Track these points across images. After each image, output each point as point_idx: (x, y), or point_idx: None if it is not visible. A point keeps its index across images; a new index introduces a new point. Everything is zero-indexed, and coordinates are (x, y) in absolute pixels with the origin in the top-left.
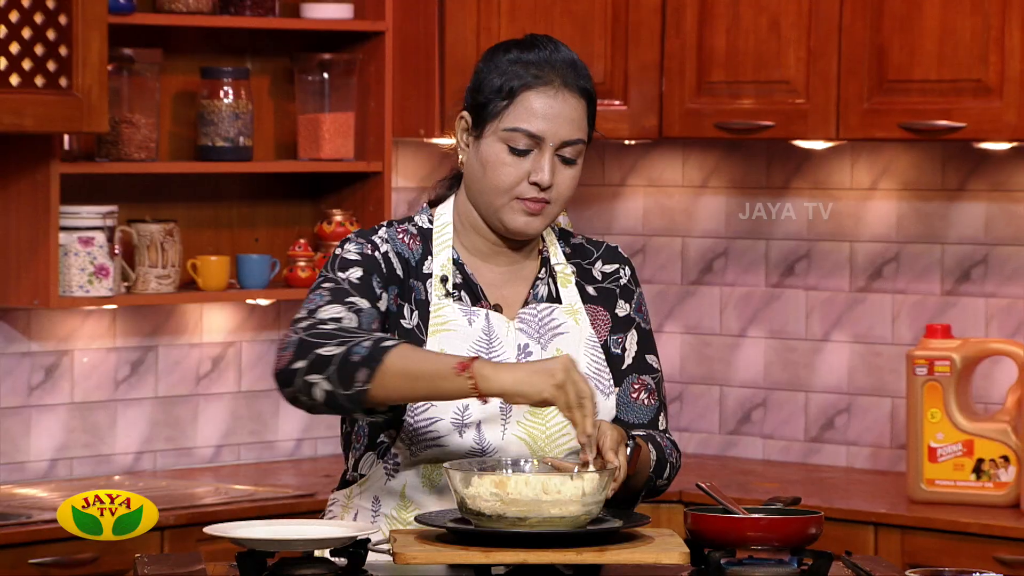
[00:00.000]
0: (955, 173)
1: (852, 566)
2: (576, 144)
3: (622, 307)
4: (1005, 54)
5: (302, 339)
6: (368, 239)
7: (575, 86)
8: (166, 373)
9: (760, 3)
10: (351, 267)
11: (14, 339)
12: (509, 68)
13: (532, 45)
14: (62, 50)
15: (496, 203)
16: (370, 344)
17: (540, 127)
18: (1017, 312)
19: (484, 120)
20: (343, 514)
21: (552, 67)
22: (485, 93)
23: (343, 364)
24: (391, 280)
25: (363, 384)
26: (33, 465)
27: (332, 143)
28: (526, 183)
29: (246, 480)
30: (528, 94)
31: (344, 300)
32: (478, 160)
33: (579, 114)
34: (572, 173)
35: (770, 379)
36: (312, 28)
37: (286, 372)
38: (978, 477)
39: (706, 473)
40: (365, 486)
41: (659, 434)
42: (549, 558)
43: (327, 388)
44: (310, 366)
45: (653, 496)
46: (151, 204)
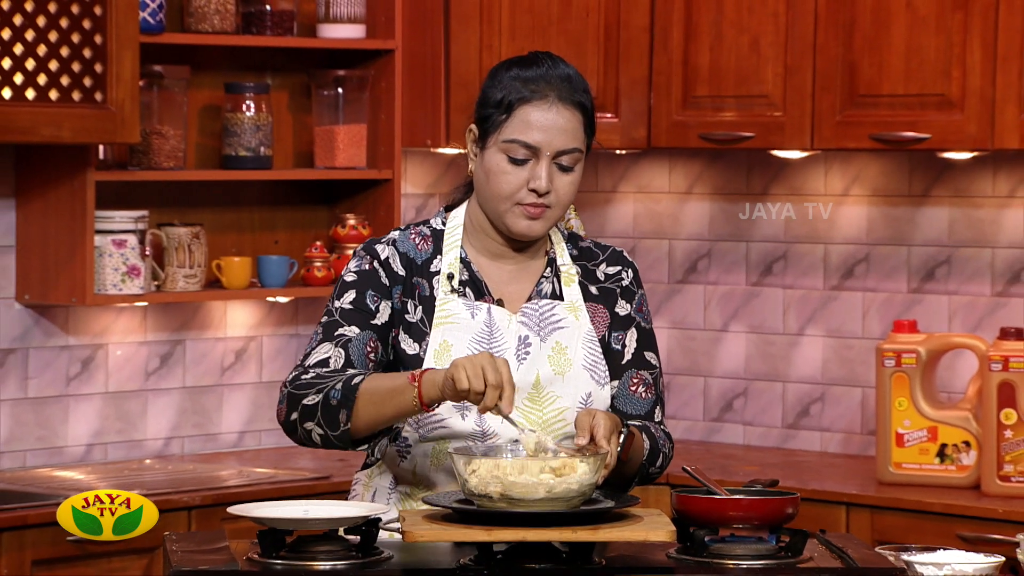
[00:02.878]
0: (920, 180)
1: (826, 543)
2: (572, 153)
3: (622, 306)
4: (966, 70)
5: (290, 392)
6: (370, 250)
7: (569, 100)
8: (193, 365)
9: (741, 23)
10: (347, 292)
11: (53, 334)
12: (509, 84)
13: (532, 62)
14: (97, 67)
15: (500, 208)
16: (341, 386)
17: (536, 138)
18: (978, 308)
19: (487, 132)
20: (365, 492)
21: (548, 82)
22: (488, 107)
23: (325, 410)
24: (393, 282)
25: (345, 423)
26: (71, 450)
27: (346, 152)
28: (525, 190)
29: (267, 464)
30: (525, 108)
31: (334, 336)
32: (483, 169)
33: (574, 125)
34: (570, 179)
35: (750, 370)
36: (327, 47)
37: (287, 424)
38: (942, 461)
39: (691, 457)
40: (383, 467)
41: (654, 425)
42: (546, 536)
43: (320, 433)
44: (301, 416)
45: (646, 483)
46: (179, 209)
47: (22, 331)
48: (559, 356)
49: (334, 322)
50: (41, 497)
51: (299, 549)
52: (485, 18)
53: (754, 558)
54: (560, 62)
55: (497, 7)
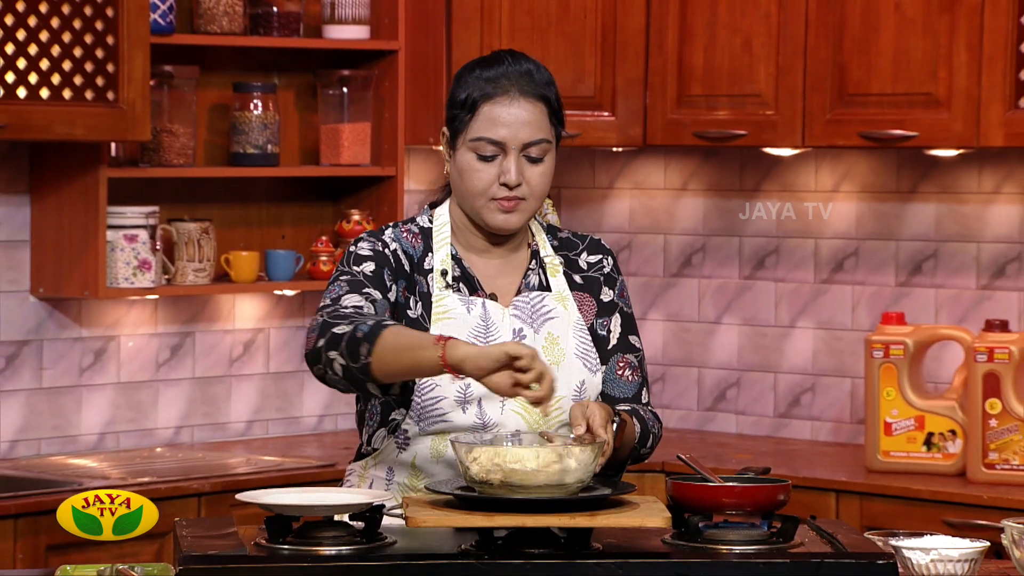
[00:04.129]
0: (908, 177)
1: (816, 529)
2: (539, 144)
3: (606, 293)
4: (953, 71)
5: (324, 320)
6: (379, 238)
7: (532, 93)
8: (202, 356)
9: (734, 24)
10: (365, 262)
11: (67, 326)
12: (473, 83)
13: (494, 61)
14: (109, 67)
15: (476, 205)
16: (372, 323)
17: (501, 134)
18: (963, 301)
19: (456, 132)
20: (360, 483)
21: (508, 78)
22: (455, 108)
23: (351, 340)
24: (399, 274)
25: (366, 357)
26: (84, 438)
27: (351, 150)
28: (497, 185)
29: (274, 452)
30: (488, 105)
31: (361, 291)
32: (456, 169)
33: (537, 117)
34: (541, 170)
35: (743, 361)
36: (333, 47)
37: (314, 351)
38: (928, 449)
39: (686, 446)
40: (379, 458)
41: (642, 407)
42: (545, 522)
43: (342, 363)
44: (328, 344)
45: (637, 463)
46: (189, 205)
47: (37, 323)
48: (552, 347)
49: (359, 281)
50: (55, 484)
51: (305, 534)
52: (486, 19)
53: (747, 543)
54: (522, 58)
55: (497, 9)
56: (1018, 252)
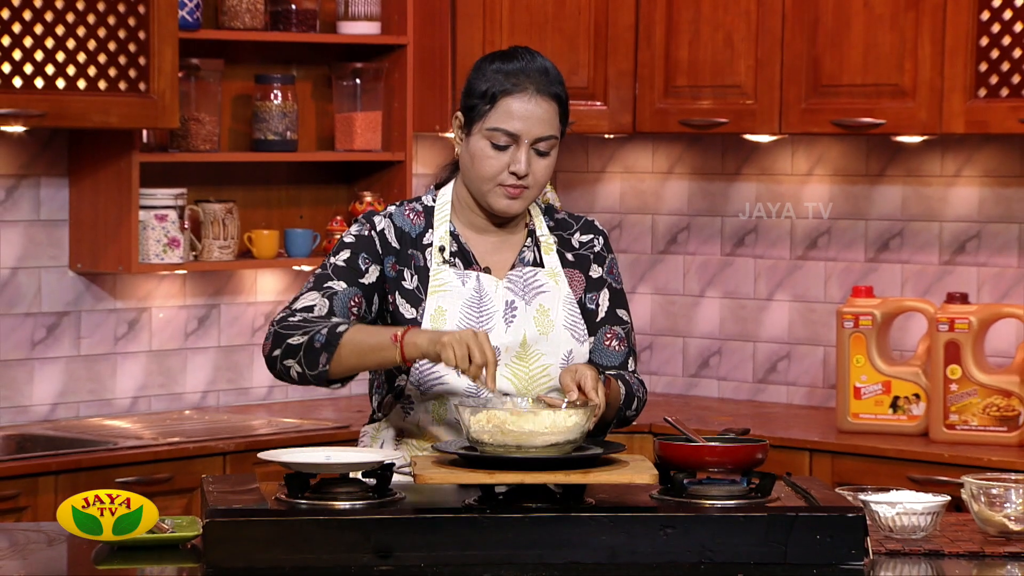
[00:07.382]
0: (876, 162)
1: (791, 485)
2: (548, 139)
3: (595, 270)
4: (918, 63)
5: (276, 331)
6: (369, 219)
7: (547, 91)
8: (227, 327)
9: (716, 21)
10: (343, 251)
11: (102, 298)
12: (492, 76)
13: (512, 56)
14: (141, 60)
15: (483, 188)
16: (327, 331)
17: (517, 127)
18: (927, 276)
19: (472, 120)
20: (372, 443)
21: (527, 75)
22: (473, 97)
23: (308, 351)
24: (386, 252)
25: (324, 365)
26: (118, 401)
27: (363, 137)
28: (507, 173)
29: (293, 415)
30: (506, 99)
31: (322, 287)
32: (468, 153)
33: (550, 115)
34: (546, 163)
35: (724, 331)
36: (347, 42)
37: (269, 359)
38: (895, 411)
39: (672, 409)
40: (389, 422)
41: (628, 373)
42: (543, 479)
43: (299, 371)
44: (283, 354)
45: (623, 426)
46: (214, 187)
47: (75, 296)
48: (543, 318)
49: (325, 275)
50: (92, 444)
51: (322, 490)
52: (488, 16)
53: (728, 498)
54: (537, 56)
55: (499, 6)
56: (977, 230)
